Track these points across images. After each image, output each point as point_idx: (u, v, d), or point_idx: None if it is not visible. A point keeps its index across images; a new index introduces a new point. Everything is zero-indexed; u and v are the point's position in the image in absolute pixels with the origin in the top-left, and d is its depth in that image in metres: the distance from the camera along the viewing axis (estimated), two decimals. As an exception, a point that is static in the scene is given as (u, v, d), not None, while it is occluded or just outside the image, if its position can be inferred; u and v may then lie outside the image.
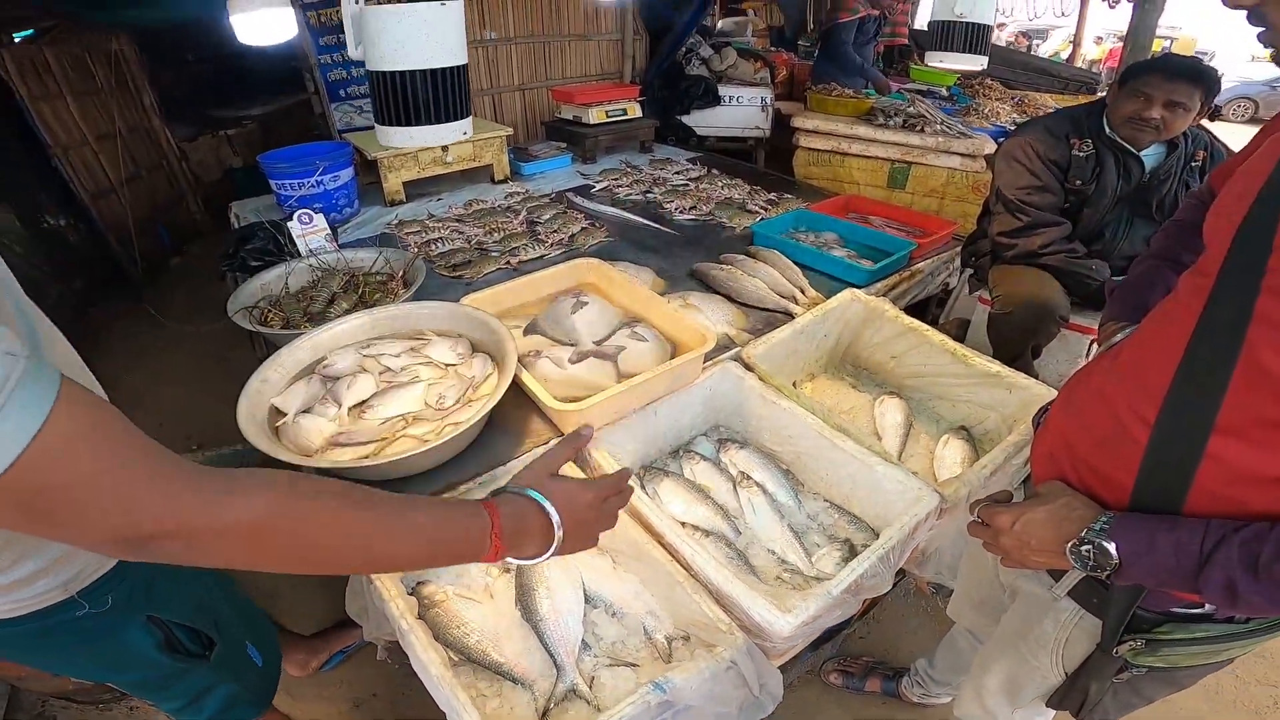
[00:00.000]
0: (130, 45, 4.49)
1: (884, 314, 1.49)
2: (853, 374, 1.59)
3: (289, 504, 0.55)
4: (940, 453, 1.30)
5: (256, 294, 1.69)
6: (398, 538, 0.60)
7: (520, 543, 0.69)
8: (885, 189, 2.89)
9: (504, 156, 2.74)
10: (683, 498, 1.17)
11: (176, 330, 3.32)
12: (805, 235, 2.04)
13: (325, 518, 0.57)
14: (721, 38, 5.22)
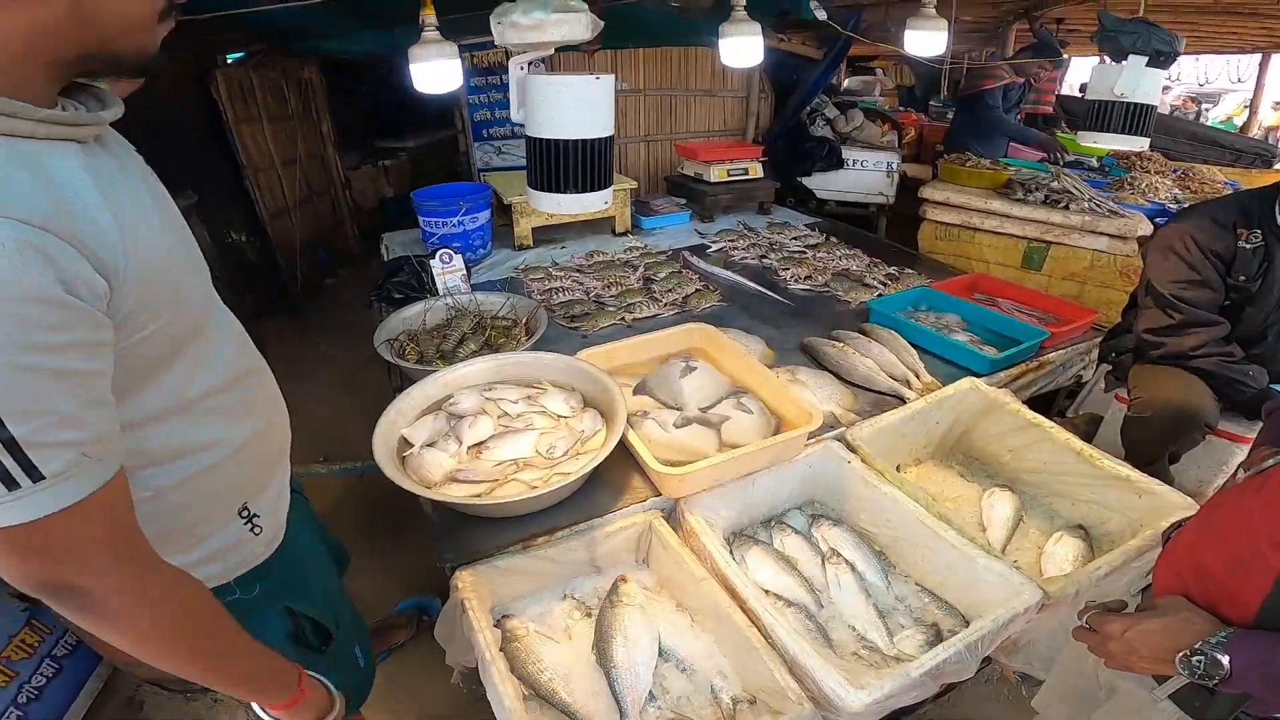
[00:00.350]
0: (317, 74, 5.11)
1: (1004, 406, 1.46)
2: (963, 463, 1.56)
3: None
4: (1050, 549, 1.28)
5: (398, 327, 1.91)
6: (226, 669, 0.79)
7: (307, 712, 0.87)
8: (1019, 269, 2.78)
9: (626, 210, 2.92)
10: (770, 567, 1.21)
11: (324, 349, 3.72)
12: (925, 315, 2.02)
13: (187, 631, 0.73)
14: (848, 97, 5.26)
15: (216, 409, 0.83)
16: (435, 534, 1.18)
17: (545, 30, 1.10)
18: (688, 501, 1.20)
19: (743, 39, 2.18)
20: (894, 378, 1.66)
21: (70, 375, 0.57)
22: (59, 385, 0.56)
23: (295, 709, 0.85)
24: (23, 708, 1.59)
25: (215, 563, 0.89)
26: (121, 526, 0.66)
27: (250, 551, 0.94)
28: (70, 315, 0.56)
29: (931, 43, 2.20)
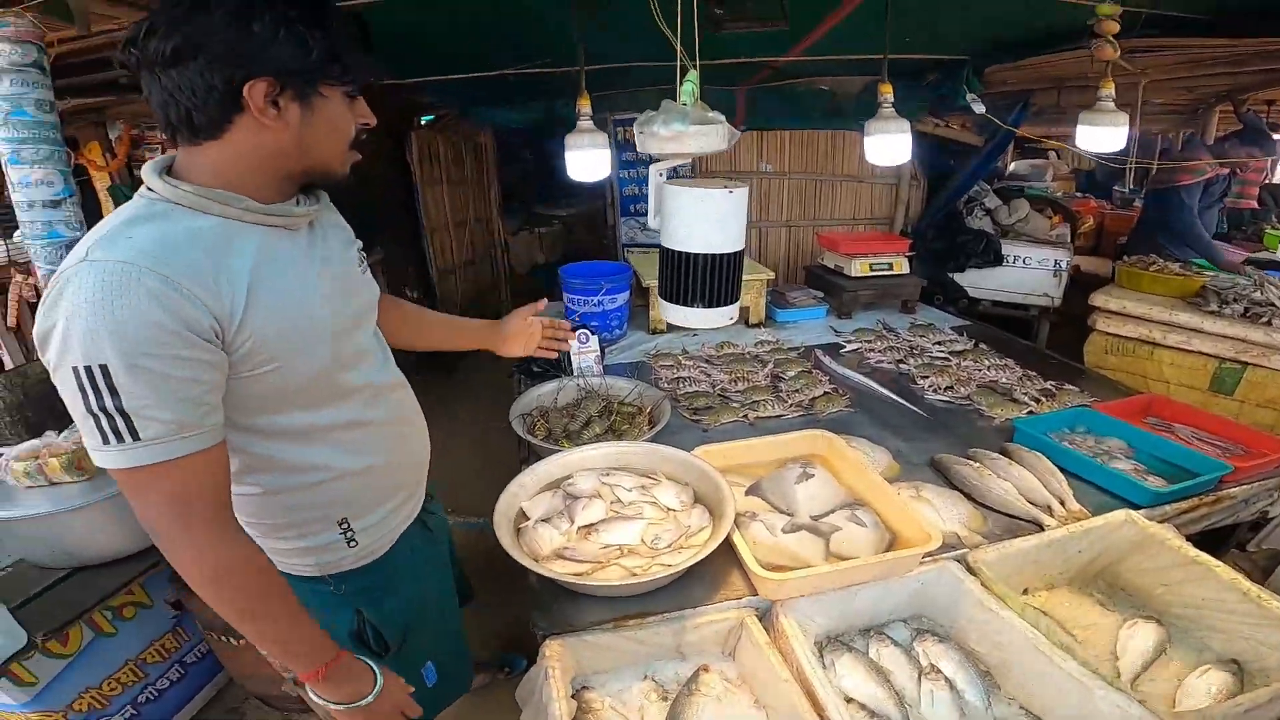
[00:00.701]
0: (490, 140, 5.87)
1: (1164, 542, 1.39)
2: (1105, 591, 1.48)
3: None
4: (1192, 681, 1.20)
5: (532, 403, 2.16)
6: (258, 629, 0.99)
7: (332, 688, 1.05)
8: (1205, 392, 2.55)
9: (761, 300, 3.06)
10: (859, 674, 1.21)
11: (469, 406, 4.17)
12: (1083, 439, 1.93)
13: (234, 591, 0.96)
14: (1014, 183, 5.12)
15: (335, 441, 1.11)
16: (534, 601, 1.33)
17: (683, 142, 1.19)
18: (784, 604, 1.25)
19: (889, 137, 2.29)
20: (1034, 503, 1.61)
21: (169, 378, 0.84)
22: (160, 382, 0.84)
23: (317, 681, 1.04)
24: (139, 707, 1.93)
25: (309, 556, 1.16)
26: (192, 491, 0.90)
27: (342, 558, 1.18)
28: (175, 340, 0.84)
29: (1109, 139, 2.17)
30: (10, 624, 1.42)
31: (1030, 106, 3.82)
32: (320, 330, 1.04)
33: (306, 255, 1.05)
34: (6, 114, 1.09)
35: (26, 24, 1.10)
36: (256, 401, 0.99)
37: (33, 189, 1.12)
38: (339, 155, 1.02)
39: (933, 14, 2.56)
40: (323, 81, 0.94)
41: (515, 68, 3.58)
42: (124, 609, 1.90)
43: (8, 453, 1.58)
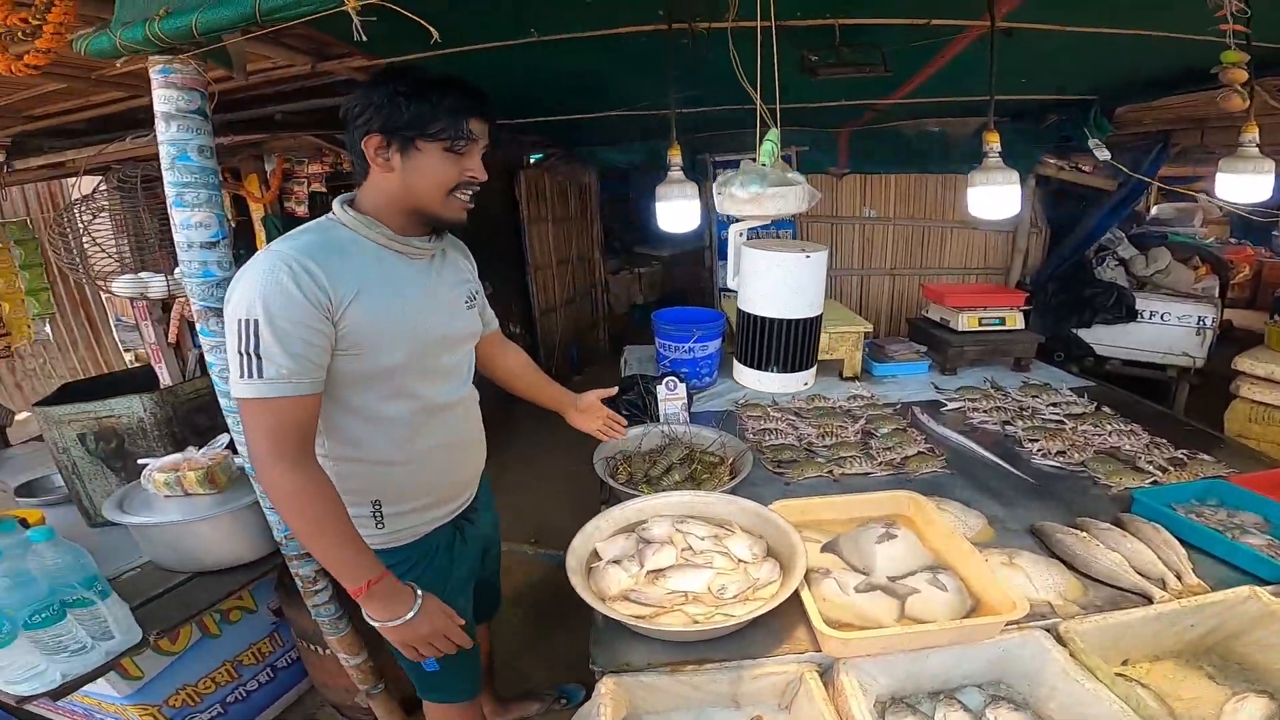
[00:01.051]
0: (594, 180, 6.19)
1: None
2: (1217, 665, 1.42)
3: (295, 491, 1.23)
4: None
5: (616, 447, 2.29)
6: (316, 546, 1.28)
7: (377, 605, 1.31)
8: None
9: (857, 354, 3.07)
10: None
11: (559, 441, 4.40)
12: (1213, 512, 1.84)
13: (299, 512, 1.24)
14: (1156, 228, 4.78)
15: (387, 433, 1.41)
16: (596, 638, 1.42)
17: (761, 204, 1.26)
18: (847, 662, 1.28)
19: (995, 189, 2.29)
20: (1146, 575, 1.56)
21: (290, 335, 1.18)
22: (284, 337, 1.18)
23: (361, 596, 1.29)
24: (227, 706, 2.17)
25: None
26: (283, 427, 1.21)
27: (370, 533, 1.43)
28: (300, 309, 1.19)
29: (1253, 189, 2.08)
30: (130, 621, 1.67)
31: (1171, 148, 3.68)
32: (403, 336, 1.35)
33: (418, 278, 1.40)
34: (173, 159, 1.32)
35: (192, 71, 1.31)
36: (341, 378, 1.31)
37: (192, 231, 1.36)
38: (437, 199, 1.33)
39: (1053, 53, 2.57)
40: (419, 137, 1.26)
41: (619, 109, 3.84)
42: (231, 612, 2.17)
43: (152, 464, 1.88)
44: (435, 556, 1.59)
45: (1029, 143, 3.62)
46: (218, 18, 1.19)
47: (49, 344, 5.29)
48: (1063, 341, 3.75)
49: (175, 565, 1.95)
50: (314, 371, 1.23)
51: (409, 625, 1.33)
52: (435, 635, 1.38)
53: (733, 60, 1.38)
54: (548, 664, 2.64)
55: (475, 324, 1.61)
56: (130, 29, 1.23)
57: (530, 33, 2.36)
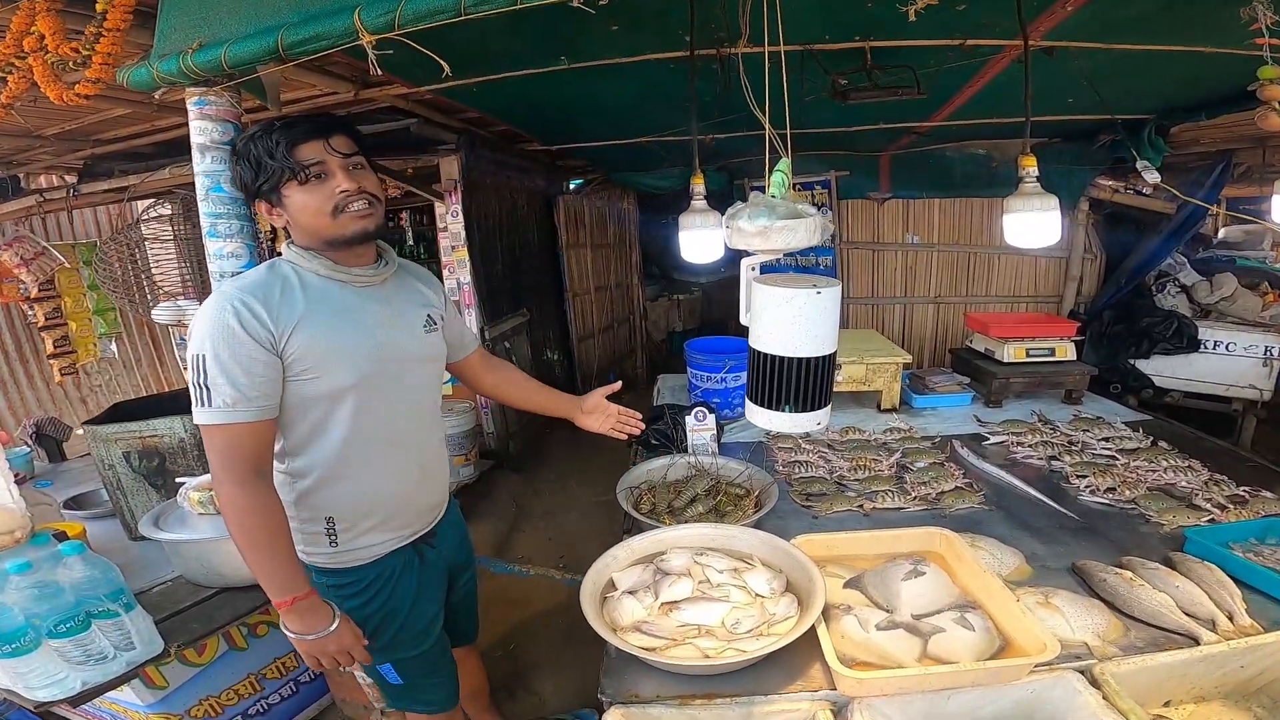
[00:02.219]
0: (634, 206, 6.23)
1: None
2: (1267, 706, 1.33)
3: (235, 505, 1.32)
4: None
5: (642, 476, 2.28)
6: (249, 559, 1.35)
7: (295, 619, 1.37)
8: None
9: (896, 385, 3.02)
10: None
11: (591, 467, 4.44)
12: (1272, 550, 1.74)
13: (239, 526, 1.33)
14: (1224, 252, 4.54)
15: (340, 451, 1.46)
16: (607, 667, 1.42)
17: (769, 238, 1.21)
18: (862, 702, 1.24)
19: (1031, 215, 2.21)
20: (1195, 616, 1.47)
21: (232, 367, 1.28)
22: (227, 369, 1.28)
23: (285, 610, 1.37)
24: (248, 718, 2.21)
25: (302, 543, 1.50)
26: (230, 450, 1.31)
27: (323, 551, 1.53)
28: (240, 342, 1.28)
29: None
30: (152, 633, 1.74)
31: (1234, 168, 3.54)
32: (352, 357, 1.42)
33: (364, 304, 1.48)
34: (207, 189, 1.39)
35: (226, 103, 1.39)
36: (299, 400, 1.40)
37: (225, 261, 1.43)
38: (327, 225, 1.39)
39: (1100, 71, 2.51)
40: (277, 188, 1.37)
41: (654, 135, 3.89)
42: (258, 626, 2.24)
43: (189, 483, 1.97)
44: (392, 579, 1.62)
45: (1080, 164, 3.52)
46: (245, 51, 1.26)
47: (114, 362, 5.58)
48: (1119, 373, 3.59)
49: (204, 580, 2.03)
50: (260, 400, 1.32)
51: (320, 641, 1.41)
52: (340, 652, 1.44)
53: (744, 85, 1.38)
54: (565, 689, 2.63)
55: (435, 348, 1.66)
56: (166, 61, 1.31)
57: (561, 60, 2.43)
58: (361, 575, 1.58)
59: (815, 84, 2.43)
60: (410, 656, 1.69)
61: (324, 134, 1.36)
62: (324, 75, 2.41)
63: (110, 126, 3.30)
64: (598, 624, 1.43)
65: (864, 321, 4.75)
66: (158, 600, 1.95)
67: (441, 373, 1.76)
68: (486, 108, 3.52)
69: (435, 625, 1.76)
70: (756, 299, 1.28)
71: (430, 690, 1.79)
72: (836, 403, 3.07)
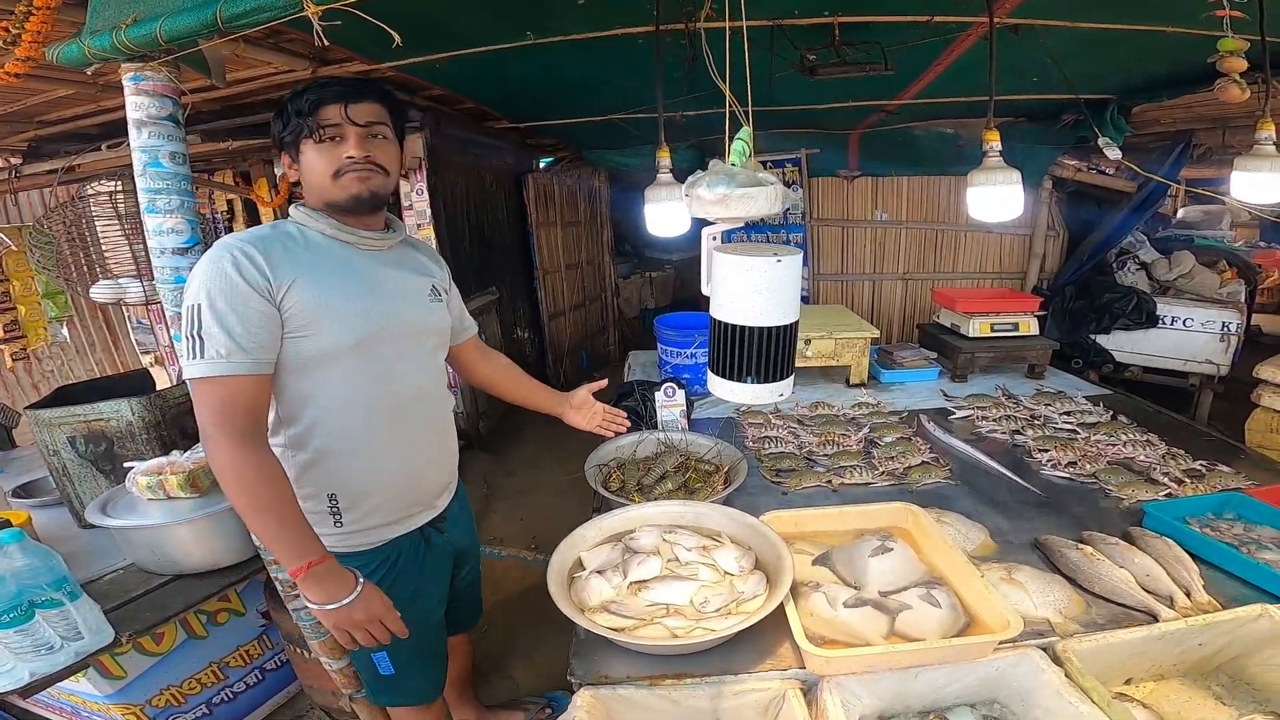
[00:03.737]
0: (605, 184, 6.17)
1: None
2: (1225, 685, 1.35)
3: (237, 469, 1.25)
4: None
5: (611, 453, 2.25)
6: (255, 525, 1.29)
7: (314, 586, 1.28)
8: None
9: (864, 360, 3.02)
10: None
11: (565, 447, 4.41)
12: (1228, 526, 1.77)
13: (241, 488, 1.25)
14: (1183, 231, 4.66)
15: (342, 421, 1.42)
16: (576, 649, 1.40)
17: (728, 205, 1.17)
18: (831, 680, 1.24)
19: (994, 190, 2.22)
20: (1154, 592, 1.49)
21: (229, 316, 1.23)
22: (223, 318, 1.23)
23: (300, 577, 1.28)
24: (213, 706, 2.18)
25: (304, 515, 1.39)
26: (227, 405, 1.24)
27: (329, 532, 1.45)
28: (238, 291, 1.24)
29: (1268, 190, 2.01)
30: (101, 622, 1.68)
31: (1194, 148, 3.58)
32: (355, 317, 1.39)
33: (369, 265, 1.46)
34: (145, 165, 1.33)
35: (164, 78, 1.33)
36: (297, 361, 1.35)
37: (165, 237, 1.37)
38: (328, 185, 1.39)
39: (1064, 51, 2.50)
40: (297, 141, 1.38)
41: (624, 112, 3.83)
42: (218, 614, 2.18)
43: (137, 467, 1.89)
44: (398, 564, 1.58)
45: (1044, 143, 3.54)
46: (181, 25, 1.20)
47: (66, 346, 5.37)
48: (1081, 348, 3.65)
49: (155, 568, 1.96)
50: (256, 352, 1.27)
51: (345, 610, 1.32)
52: (371, 622, 1.36)
53: (705, 54, 1.33)
54: (539, 672, 2.61)
55: (440, 317, 1.63)
56: (98, 37, 1.24)
57: (527, 35, 2.35)
58: (368, 560, 1.52)
59: (785, 60, 2.39)
60: (406, 645, 1.62)
61: (346, 99, 1.37)
62: (278, 52, 2.30)
63: (55, 108, 3.16)
64: (564, 605, 1.41)
65: (834, 298, 4.76)
66: (108, 589, 1.89)
67: (445, 345, 1.71)
68: (451, 85, 3.42)
69: (435, 614, 1.72)
70: (717, 268, 1.24)
71: (419, 681, 1.73)
72: (806, 378, 3.11)
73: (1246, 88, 1.77)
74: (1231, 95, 1.78)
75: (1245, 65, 1.73)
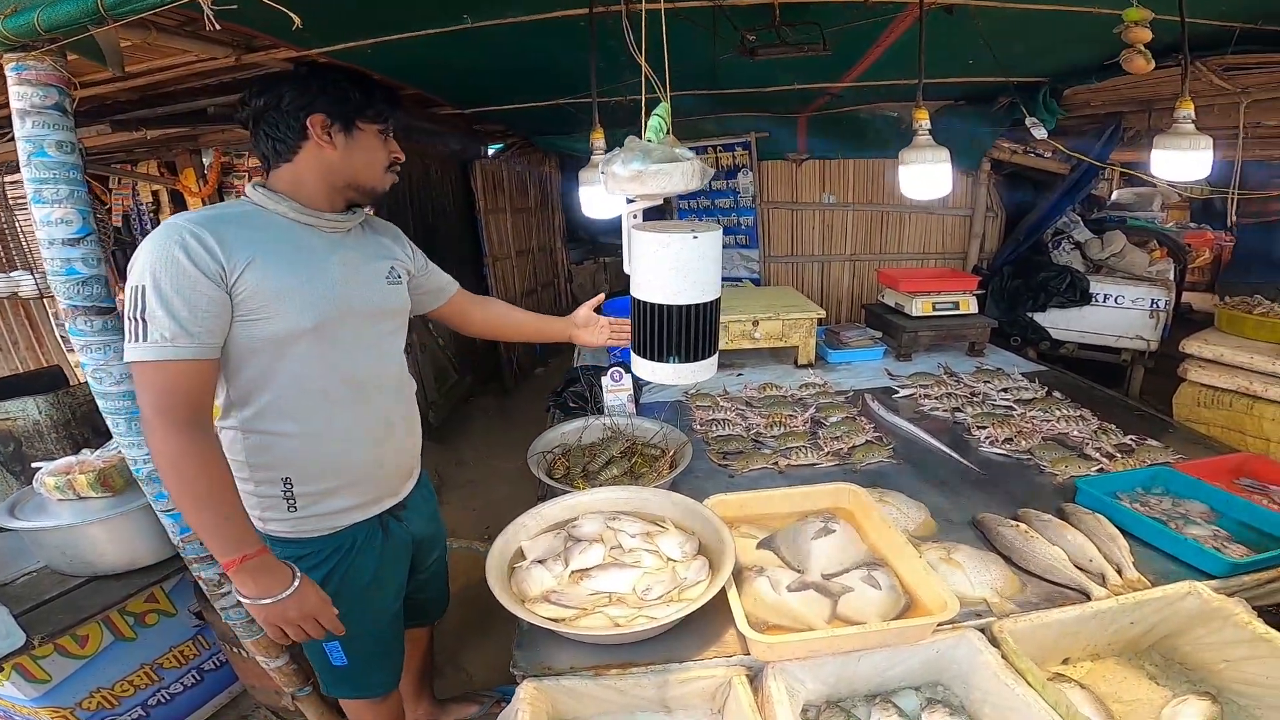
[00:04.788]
0: (556, 170, 6.06)
1: (1229, 618, 1.29)
2: (1159, 664, 1.38)
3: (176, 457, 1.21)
4: None
5: (556, 440, 2.20)
6: (189, 514, 1.26)
7: (247, 580, 1.25)
8: None
9: (811, 340, 3.02)
10: None
11: (518, 435, 4.34)
12: (1158, 500, 1.81)
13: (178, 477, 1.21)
14: (1116, 213, 4.79)
15: (298, 403, 1.37)
16: (520, 640, 1.36)
17: (644, 182, 1.13)
18: (775, 666, 1.22)
19: (925, 168, 2.22)
20: (1085, 570, 1.51)
21: (175, 300, 1.18)
22: (168, 301, 1.18)
23: (233, 570, 1.25)
24: (149, 709, 2.11)
25: (257, 507, 1.42)
26: (168, 391, 1.20)
27: (281, 518, 1.43)
28: (185, 274, 1.19)
29: (1189, 167, 2.04)
30: (10, 625, 1.61)
31: (1124, 131, 3.66)
32: (311, 300, 1.34)
33: (327, 249, 1.41)
34: (29, 155, 1.25)
35: (49, 67, 1.24)
36: (253, 344, 1.31)
37: (54, 228, 1.28)
38: (377, 175, 1.45)
39: (999, 33, 2.51)
40: (359, 119, 1.39)
41: (570, 97, 3.74)
42: (146, 615, 2.08)
43: (45, 468, 1.78)
44: (352, 552, 1.53)
45: (982, 126, 3.58)
46: (61, 13, 1.11)
47: (-10, 344, 5.08)
48: (1019, 326, 3.72)
49: (69, 569, 1.88)
50: (203, 337, 1.22)
51: (279, 606, 1.29)
52: (305, 619, 1.33)
53: (625, 32, 1.28)
54: (493, 664, 2.56)
55: (399, 299, 1.59)
56: (-23, 29, 1.13)
57: (464, 19, 2.26)
58: (321, 547, 1.49)
59: (727, 42, 2.34)
60: (362, 635, 1.58)
61: (396, 108, 1.48)
62: (196, 40, 2.16)
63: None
64: (503, 596, 1.36)
65: (784, 280, 4.77)
66: (21, 592, 1.82)
67: (404, 328, 1.65)
68: (389, 71, 3.27)
69: (392, 605, 1.67)
70: (635, 246, 1.20)
71: (375, 674, 1.69)
72: (756, 359, 3.10)
73: (1151, 59, 1.79)
74: (1137, 66, 1.80)
75: (1149, 36, 1.76)
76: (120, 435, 1.41)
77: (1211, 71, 2.67)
